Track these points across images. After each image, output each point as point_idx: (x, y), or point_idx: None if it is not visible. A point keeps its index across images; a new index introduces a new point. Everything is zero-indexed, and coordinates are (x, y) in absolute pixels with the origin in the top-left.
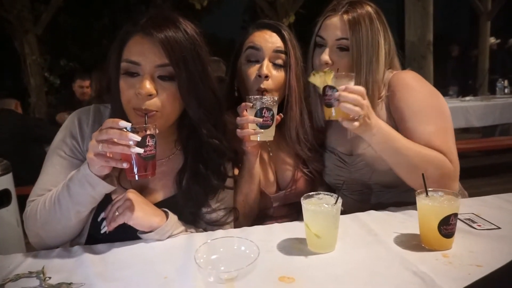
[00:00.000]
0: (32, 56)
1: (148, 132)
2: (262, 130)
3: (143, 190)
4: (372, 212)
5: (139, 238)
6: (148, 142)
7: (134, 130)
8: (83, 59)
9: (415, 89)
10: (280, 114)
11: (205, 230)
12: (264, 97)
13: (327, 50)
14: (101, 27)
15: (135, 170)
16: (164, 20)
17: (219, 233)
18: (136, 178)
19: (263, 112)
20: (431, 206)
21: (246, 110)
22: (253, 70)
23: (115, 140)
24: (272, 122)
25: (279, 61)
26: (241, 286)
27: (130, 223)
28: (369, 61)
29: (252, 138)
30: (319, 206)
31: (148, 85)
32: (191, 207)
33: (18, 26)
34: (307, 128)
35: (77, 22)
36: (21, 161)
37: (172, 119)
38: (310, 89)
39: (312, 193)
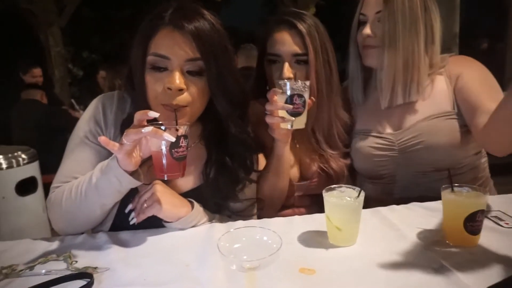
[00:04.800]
0: (56, 48)
1: (182, 133)
2: (293, 118)
3: (167, 181)
4: (394, 206)
5: (161, 225)
6: (182, 143)
7: (165, 129)
8: (105, 50)
9: (479, 69)
10: (312, 98)
11: (230, 217)
12: (295, 82)
13: (368, 25)
14: (121, 18)
15: (165, 169)
16: (192, 12)
17: (239, 223)
18: (165, 178)
19: (294, 98)
20: (457, 202)
21: (275, 95)
22: (275, 71)
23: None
24: (304, 109)
25: (300, 60)
26: (262, 276)
27: (160, 215)
28: (406, 29)
29: (283, 126)
30: (341, 199)
31: (178, 80)
32: (218, 198)
33: (43, 18)
34: (332, 125)
35: (99, 14)
36: (46, 150)
37: (199, 114)
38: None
39: (334, 186)
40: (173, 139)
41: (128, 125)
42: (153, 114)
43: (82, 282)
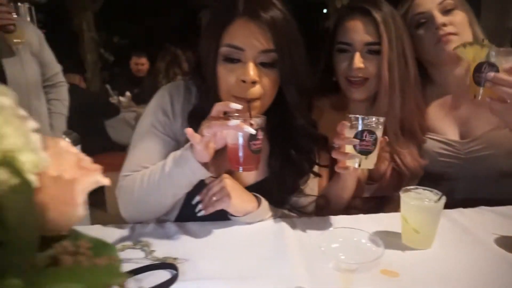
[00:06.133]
0: (90, 33)
1: (259, 125)
2: (360, 156)
3: (232, 174)
4: (462, 210)
5: (226, 218)
6: (259, 136)
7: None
8: (134, 36)
9: None
10: (385, 137)
11: (291, 212)
12: (367, 117)
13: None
14: (145, 4)
15: (241, 162)
16: (265, 0)
17: (310, 220)
18: (241, 170)
19: (364, 135)
20: None
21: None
22: (343, 61)
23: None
24: (374, 148)
25: (372, 50)
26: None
27: (229, 209)
28: None
29: (349, 163)
30: (422, 201)
31: (252, 72)
32: (283, 191)
33: (77, 3)
34: (408, 121)
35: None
36: (85, 134)
37: (268, 106)
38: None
39: (410, 187)
40: (254, 132)
41: (195, 116)
42: (235, 106)
43: (165, 272)
